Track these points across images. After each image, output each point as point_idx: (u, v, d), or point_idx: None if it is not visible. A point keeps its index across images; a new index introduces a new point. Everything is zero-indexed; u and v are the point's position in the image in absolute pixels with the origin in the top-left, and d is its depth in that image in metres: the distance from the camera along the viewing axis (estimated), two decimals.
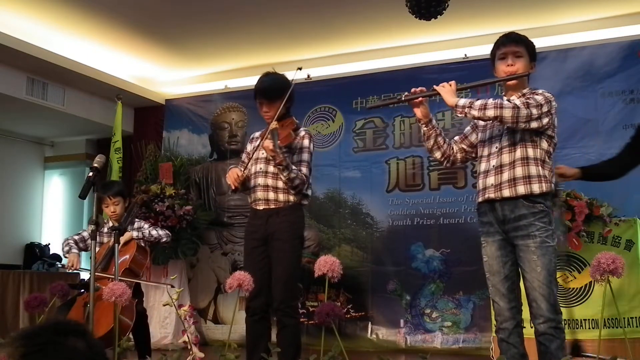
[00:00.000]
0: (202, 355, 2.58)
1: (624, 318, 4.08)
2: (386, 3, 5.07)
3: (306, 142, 3.39)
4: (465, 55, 5.75)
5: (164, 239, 4.14)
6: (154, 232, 4.10)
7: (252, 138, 3.57)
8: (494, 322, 4.57)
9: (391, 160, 5.94)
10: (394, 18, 5.30)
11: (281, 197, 3.32)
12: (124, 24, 5.62)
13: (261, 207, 3.35)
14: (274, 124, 3.28)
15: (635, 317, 4.14)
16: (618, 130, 5.20)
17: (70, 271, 4.03)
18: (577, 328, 4.13)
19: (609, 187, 4.98)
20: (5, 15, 5.32)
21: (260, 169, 3.37)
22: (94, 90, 6.58)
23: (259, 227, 3.35)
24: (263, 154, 3.36)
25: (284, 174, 3.22)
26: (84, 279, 4.42)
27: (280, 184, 3.32)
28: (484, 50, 5.64)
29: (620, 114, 5.23)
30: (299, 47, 6.10)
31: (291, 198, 3.33)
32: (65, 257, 4.04)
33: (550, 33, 5.41)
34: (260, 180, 3.35)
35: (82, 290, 3.83)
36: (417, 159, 5.86)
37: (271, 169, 3.33)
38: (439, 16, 4.09)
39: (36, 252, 7.05)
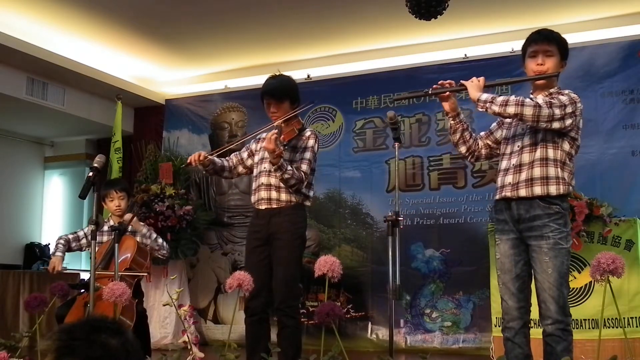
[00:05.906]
0: (202, 355, 2.58)
1: (624, 318, 4.08)
2: (386, 3, 5.07)
3: (311, 142, 3.41)
4: (465, 55, 5.76)
5: (164, 251, 4.13)
6: (159, 240, 4.11)
7: (259, 138, 3.57)
8: (494, 321, 4.60)
9: (391, 160, 5.93)
10: (394, 18, 5.30)
11: (283, 196, 3.32)
12: (124, 24, 5.62)
13: (263, 207, 3.35)
14: (279, 122, 3.30)
15: (635, 317, 4.15)
16: (618, 130, 5.21)
17: (53, 273, 3.94)
18: (577, 328, 4.13)
19: (609, 187, 5.03)
20: (5, 15, 5.32)
21: (265, 168, 3.37)
22: (94, 90, 6.58)
23: (261, 227, 3.35)
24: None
25: (277, 174, 3.21)
26: (84, 279, 4.41)
27: None
28: (484, 50, 5.75)
29: (620, 114, 5.23)
30: (299, 47, 6.10)
31: (293, 198, 3.33)
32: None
33: None
34: (264, 180, 3.35)
35: (82, 290, 3.83)
36: (417, 159, 5.86)
37: None
38: (439, 16, 4.09)
39: (36, 252, 7.05)
